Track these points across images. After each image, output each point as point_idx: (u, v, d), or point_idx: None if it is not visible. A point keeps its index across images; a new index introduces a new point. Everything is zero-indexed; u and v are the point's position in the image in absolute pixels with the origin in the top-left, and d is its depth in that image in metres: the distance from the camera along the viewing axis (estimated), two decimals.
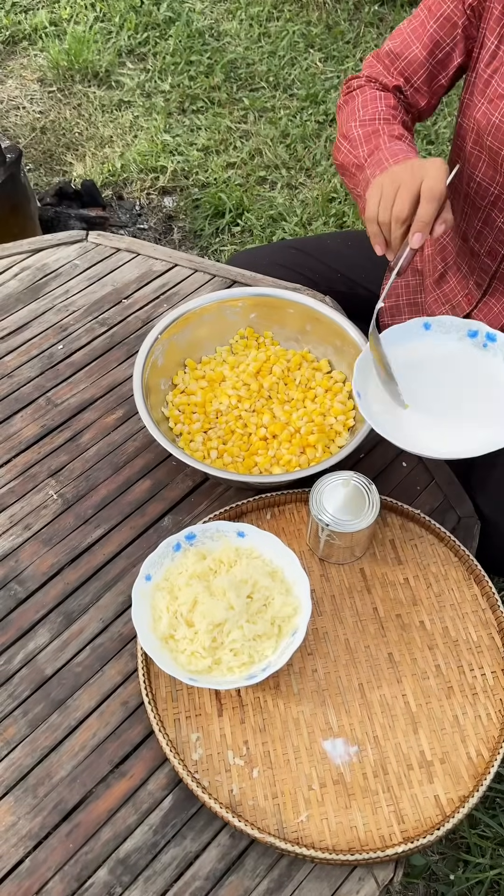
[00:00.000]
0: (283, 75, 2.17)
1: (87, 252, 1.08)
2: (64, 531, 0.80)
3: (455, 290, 1.00)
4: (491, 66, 0.81)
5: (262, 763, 0.65)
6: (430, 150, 1.94)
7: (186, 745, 0.66)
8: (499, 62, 0.80)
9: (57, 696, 0.70)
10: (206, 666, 0.67)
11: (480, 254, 0.92)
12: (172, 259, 1.07)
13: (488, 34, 0.81)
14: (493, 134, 0.82)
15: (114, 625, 0.74)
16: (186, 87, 2.14)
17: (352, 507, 0.72)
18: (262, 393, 0.88)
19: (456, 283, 0.99)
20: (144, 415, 0.79)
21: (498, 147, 0.82)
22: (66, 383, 0.93)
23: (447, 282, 1.01)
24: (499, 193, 0.86)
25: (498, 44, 0.80)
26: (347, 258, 1.09)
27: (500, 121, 0.81)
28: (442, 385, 0.74)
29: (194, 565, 0.72)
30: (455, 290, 1.00)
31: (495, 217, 0.88)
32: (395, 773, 0.65)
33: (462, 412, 0.72)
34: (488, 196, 0.87)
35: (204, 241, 1.80)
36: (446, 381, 0.74)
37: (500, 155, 0.82)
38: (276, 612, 0.69)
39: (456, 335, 0.75)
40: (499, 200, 0.86)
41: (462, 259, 0.96)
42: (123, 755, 0.67)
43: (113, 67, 2.20)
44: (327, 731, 0.67)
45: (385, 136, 0.83)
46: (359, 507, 0.72)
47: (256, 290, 0.93)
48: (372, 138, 0.83)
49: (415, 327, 0.74)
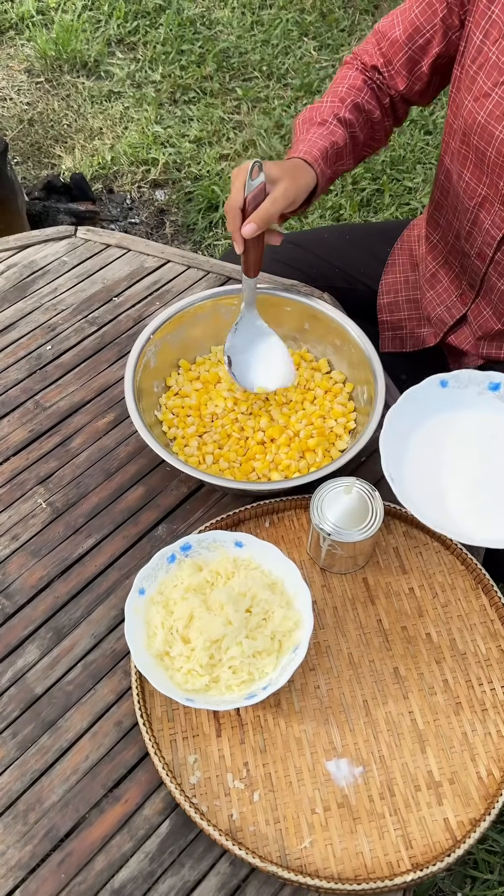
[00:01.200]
0: (277, 64, 2.13)
1: (75, 248, 1.04)
2: (53, 542, 0.77)
3: (449, 291, 0.97)
4: (476, 62, 0.78)
5: (262, 786, 0.62)
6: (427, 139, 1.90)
7: (184, 767, 0.63)
8: (484, 58, 0.76)
9: (47, 717, 0.66)
10: (204, 684, 0.64)
11: (471, 255, 0.89)
12: (165, 255, 1.03)
13: (474, 28, 0.77)
14: (478, 133, 0.79)
15: (106, 640, 0.71)
16: (178, 77, 2.09)
17: (354, 516, 0.69)
18: (259, 395, 0.84)
19: (449, 283, 0.96)
20: (136, 419, 0.76)
21: (484, 147, 0.79)
22: (54, 386, 0.90)
23: (440, 281, 0.98)
24: (486, 194, 0.83)
25: (483, 38, 0.76)
26: (346, 253, 1.06)
27: (485, 120, 0.77)
28: (477, 457, 0.67)
29: (190, 578, 0.69)
30: (449, 290, 0.97)
31: (483, 218, 0.85)
32: (403, 795, 0.62)
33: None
34: (476, 196, 0.84)
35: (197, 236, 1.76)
36: (480, 450, 0.67)
37: (487, 155, 0.79)
38: (276, 627, 0.66)
39: (476, 389, 0.68)
40: (486, 201, 0.83)
41: (454, 258, 0.93)
42: (118, 778, 0.64)
43: (102, 57, 2.14)
44: (331, 751, 0.64)
45: (309, 122, 0.85)
46: (362, 516, 0.69)
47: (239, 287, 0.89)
48: (306, 124, 0.85)
49: (432, 388, 0.68)
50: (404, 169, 1.83)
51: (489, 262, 0.87)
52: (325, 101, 0.87)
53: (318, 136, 0.82)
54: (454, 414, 0.68)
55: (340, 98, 0.86)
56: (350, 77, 0.88)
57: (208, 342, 0.90)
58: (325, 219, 1.75)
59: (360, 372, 0.84)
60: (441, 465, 0.66)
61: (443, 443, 0.67)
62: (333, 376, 0.88)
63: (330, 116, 0.84)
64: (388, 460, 0.65)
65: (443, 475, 0.65)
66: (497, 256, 0.86)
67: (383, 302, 1.05)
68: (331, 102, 0.86)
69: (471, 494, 0.65)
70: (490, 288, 0.90)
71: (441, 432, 0.67)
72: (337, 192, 1.79)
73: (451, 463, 0.66)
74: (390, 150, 1.87)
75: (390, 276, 1.04)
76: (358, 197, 1.77)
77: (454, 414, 0.68)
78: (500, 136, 0.77)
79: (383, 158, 1.84)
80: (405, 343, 1.05)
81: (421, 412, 0.68)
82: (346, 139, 0.84)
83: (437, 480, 0.65)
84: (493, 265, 0.87)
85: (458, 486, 0.65)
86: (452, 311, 0.97)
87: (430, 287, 0.99)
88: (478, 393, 0.68)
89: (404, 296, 1.04)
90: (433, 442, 0.67)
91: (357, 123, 0.86)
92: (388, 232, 1.08)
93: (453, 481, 0.65)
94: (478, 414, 0.68)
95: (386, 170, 1.83)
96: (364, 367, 0.83)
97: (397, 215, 1.74)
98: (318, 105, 0.87)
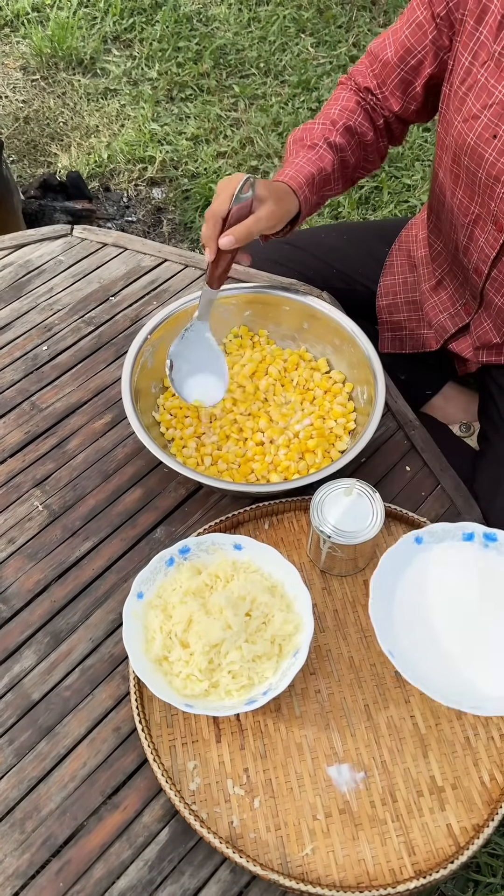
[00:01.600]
0: (274, 61, 2.11)
1: (72, 247, 1.03)
2: (50, 545, 0.76)
3: (454, 298, 0.96)
4: (465, 84, 0.77)
5: (263, 792, 0.62)
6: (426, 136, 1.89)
7: (183, 773, 0.62)
8: (473, 80, 0.75)
9: (45, 723, 0.66)
10: (203, 689, 0.63)
11: (469, 269, 0.89)
12: (162, 254, 1.02)
13: (461, 49, 0.76)
14: (468, 154, 0.78)
15: (104, 645, 0.70)
16: (174, 74, 2.08)
17: (355, 517, 0.68)
18: (258, 395, 0.83)
19: (454, 290, 0.96)
20: (134, 420, 0.75)
21: (475, 168, 0.78)
22: (51, 386, 0.89)
23: (445, 289, 0.97)
24: (479, 213, 0.82)
25: (472, 60, 0.75)
26: (344, 253, 1.05)
27: (474, 142, 0.76)
28: (466, 615, 0.65)
29: (189, 581, 0.68)
30: (454, 297, 0.96)
31: (478, 235, 0.84)
32: (405, 801, 0.61)
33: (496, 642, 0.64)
34: (469, 214, 0.83)
35: (194, 234, 1.75)
36: (467, 607, 0.65)
37: (478, 176, 0.78)
38: (276, 631, 0.65)
39: (450, 542, 0.67)
40: (479, 219, 0.83)
41: (458, 269, 0.93)
42: (116, 785, 0.63)
43: (98, 54, 2.13)
44: (332, 757, 0.63)
45: (299, 144, 0.84)
46: (362, 517, 0.68)
47: (251, 286, 0.88)
48: (295, 145, 0.84)
49: (407, 546, 0.67)
50: (403, 166, 1.82)
51: (485, 279, 0.87)
52: (318, 122, 0.86)
53: (306, 161, 0.81)
54: (434, 570, 0.67)
55: (332, 121, 0.85)
56: (343, 98, 0.87)
57: None
58: (323, 216, 1.74)
59: (359, 372, 0.84)
60: (433, 625, 0.65)
61: (430, 602, 0.66)
62: (333, 376, 0.87)
63: (320, 140, 0.83)
64: (383, 633, 0.62)
65: (438, 636, 0.64)
66: (493, 273, 0.85)
67: (382, 304, 1.04)
68: (322, 125, 0.85)
69: (470, 649, 0.64)
70: (488, 303, 0.89)
71: (426, 592, 0.66)
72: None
73: (443, 622, 0.65)
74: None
75: (388, 277, 1.03)
76: (356, 194, 1.75)
77: (434, 570, 0.67)
78: (490, 159, 0.76)
79: None
80: (405, 344, 1.04)
81: (402, 574, 0.67)
82: (335, 164, 0.83)
83: (435, 644, 0.64)
84: (489, 281, 0.87)
85: (456, 643, 0.64)
86: (456, 319, 0.96)
87: (434, 293, 0.98)
88: (452, 545, 0.68)
89: (403, 297, 1.03)
90: (420, 604, 0.65)
91: (349, 147, 0.85)
92: (387, 231, 1.07)
93: (450, 640, 0.64)
94: (458, 570, 0.67)
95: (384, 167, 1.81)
96: (364, 367, 0.82)
97: (396, 213, 1.73)
98: (310, 126, 0.86)
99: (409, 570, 0.67)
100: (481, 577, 0.67)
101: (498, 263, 0.84)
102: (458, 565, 0.67)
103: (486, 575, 0.67)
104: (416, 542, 0.67)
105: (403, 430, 0.85)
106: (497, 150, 0.75)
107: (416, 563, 0.67)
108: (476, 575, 0.67)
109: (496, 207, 0.78)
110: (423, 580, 0.66)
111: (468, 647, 0.63)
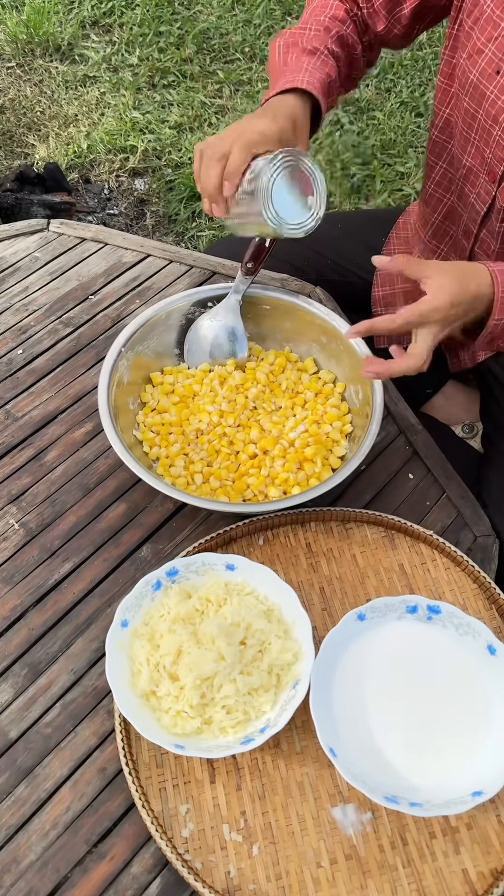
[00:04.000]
0: (260, 45, 2.04)
1: (48, 243, 0.97)
2: (27, 566, 0.70)
3: None
4: (472, 17, 0.71)
5: (262, 837, 0.57)
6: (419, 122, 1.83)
7: (175, 819, 0.57)
8: (479, 12, 0.70)
9: (23, 764, 0.60)
10: (195, 727, 0.58)
11: (457, 234, 0.83)
12: (144, 249, 0.96)
13: None
14: (470, 94, 0.72)
15: (87, 677, 0.64)
16: (156, 60, 2.00)
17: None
18: (246, 405, 0.77)
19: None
20: (116, 442, 0.69)
21: (475, 109, 0.72)
22: (26, 393, 0.83)
23: None
24: (471, 165, 0.76)
25: None
26: (338, 243, 0.99)
27: (477, 79, 0.71)
28: (405, 699, 0.60)
29: (178, 606, 0.62)
30: None
31: (468, 192, 0.78)
32: (416, 844, 0.56)
33: (446, 730, 0.58)
34: (461, 168, 0.78)
35: (179, 227, 1.68)
36: (405, 690, 0.60)
37: (477, 119, 0.72)
38: (273, 660, 0.60)
39: (395, 615, 0.63)
40: (470, 174, 0.77)
41: (442, 242, 0.87)
42: (102, 832, 0.58)
43: (76, 40, 2.05)
44: (336, 796, 0.58)
45: (296, 49, 0.76)
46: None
47: (219, 287, 0.82)
48: (290, 50, 0.76)
49: (350, 625, 0.62)
50: (395, 153, 1.76)
51: (474, 240, 0.81)
52: (309, 28, 0.78)
53: (313, 67, 0.73)
54: (375, 650, 0.62)
55: (325, 27, 0.78)
56: (332, 6, 0.79)
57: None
58: None
59: (351, 370, 0.78)
60: (372, 715, 0.59)
61: (368, 689, 0.60)
62: (322, 377, 0.82)
63: (321, 45, 0.76)
64: (323, 727, 0.57)
65: (376, 726, 0.59)
66: (482, 234, 0.80)
67: (378, 294, 0.99)
68: (315, 32, 0.77)
69: (409, 739, 0.58)
70: None
71: (365, 676, 0.61)
72: (325, 178, 1.72)
73: (382, 710, 0.60)
74: (380, 133, 1.79)
75: None
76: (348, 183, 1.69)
77: (375, 650, 0.62)
78: (490, 97, 0.70)
79: (373, 142, 1.77)
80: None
81: (343, 655, 0.62)
82: (337, 73, 0.76)
83: (373, 736, 0.58)
84: (478, 243, 0.81)
85: (395, 732, 0.59)
86: None
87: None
88: (397, 618, 0.63)
89: (401, 287, 0.97)
90: (359, 691, 0.60)
91: (342, 58, 0.78)
92: (383, 219, 1.01)
93: (388, 730, 0.59)
94: (400, 647, 0.62)
95: (376, 154, 1.75)
96: (355, 365, 0.76)
97: (390, 202, 1.67)
98: (299, 31, 0.78)
99: (351, 652, 0.61)
100: (421, 655, 0.62)
101: (487, 221, 0.78)
102: (398, 643, 0.62)
103: (426, 653, 0.62)
104: (358, 620, 0.62)
105: (405, 434, 0.80)
106: (499, 87, 0.69)
107: (359, 642, 0.62)
108: (416, 653, 0.62)
109: (491, 154, 0.73)
110: (363, 663, 0.61)
111: (407, 737, 0.58)
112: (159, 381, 0.80)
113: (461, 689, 0.60)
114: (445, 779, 0.56)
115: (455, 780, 0.56)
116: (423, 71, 1.95)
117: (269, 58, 0.80)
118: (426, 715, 0.59)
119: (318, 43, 0.76)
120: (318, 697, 0.58)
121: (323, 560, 0.70)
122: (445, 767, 0.57)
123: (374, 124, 1.82)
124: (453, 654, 0.62)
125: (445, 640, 0.62)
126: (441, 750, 0.58)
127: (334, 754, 0.56)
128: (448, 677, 0.61)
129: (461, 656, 0.62)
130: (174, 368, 0.82)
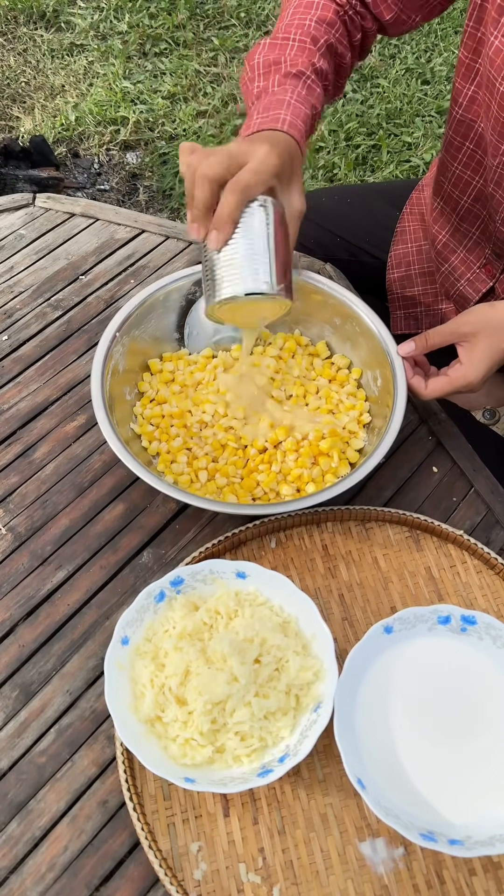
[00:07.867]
0: (256, 10, 1.94)
1: (34, 219, 0.89)
2: (16, 576, 0.64)
3: (468, 262, 0.83)
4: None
5: (283, 878, 0.51)
6: (426, 90, 1.74)
7: (185, 858, 0.51)
8: None
9: (15, 798, 0.54)
10: (206, 756, 0.52)
11: (495, 219, 0.75)
12: (138, 224, 0.89)
13: None
14: (499, 103, 0.64)
15: (84, 698, 0.58)
16: (147, 26, 1.90)
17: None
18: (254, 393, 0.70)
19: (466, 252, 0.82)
20: (111, 437, 0.62)
21: None
22: (13, 384, 0.76)
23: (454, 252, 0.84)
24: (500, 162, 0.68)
25: None
26: (348, 220, 0.92)
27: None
28: (443, 718, 0.54)
29: (184, 620, 0.56)
30: (467, 261, 0.83)
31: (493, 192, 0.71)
32: (455, 882, 0.51)
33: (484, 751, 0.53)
34: (498, 155, 0.70)
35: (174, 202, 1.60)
36: (447, 708, 0.54)
37: None
38: (291, 680, 0.54)
39: (425, 626, 0.57)
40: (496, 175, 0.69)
41: (471, 224, 0.80)
42: (104, 875, 0.52)
43: (62, 7, 1.94)
44: (364, 829, 0.52)
45: (277, 70, 0.65)
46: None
47: None
48: (271, 71, 0.66)
49: (376, 639, 0.55)
50: (402, 123, 1.67)
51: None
52: (293, 38, 0.67)
53: (298, 99, 0.63)
54: (403, 668, 0.56)
55: (312, 37, 0.67)
56: (318, 6, 0.69)
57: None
58: (316, 180, 1.59)
59: (368, 354, 0.71)
60: (399, 743, 0.53)
61: (395, 712, 0.54)
62: (336, 361, 0.75)
63: (307, 67, 0.65)
64: (351, 761, 0.51)
65: (404, 755, 0.53)
66: None
67: (393, 276, 0.91)
68: (300, 43, 0.67)
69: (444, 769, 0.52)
70: None
71: (396, 699, 0.55)
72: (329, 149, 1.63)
73: (411, 736, 0.53)
74: (385, 101, 1.70)
75: (400, 246, 0.90)
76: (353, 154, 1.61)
77: (403, 668, 0.56)
78: None
79: (378, 111, 1.68)
80: (421, 323, 0.91)
81: (370, 672, 0.55)
82: (323, 98, 0.67)
83: (401, 765, 0.52)
84: None
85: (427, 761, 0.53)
86: (477, 284, 0.83)
87: (444, 260, 0.85)
88: (428, 630, 0.57)
89: (418, 268, 0.90)
90: (384, 714, 0.54)
91: (330, 74, 0.69)
92: (397, 193, 0.94)
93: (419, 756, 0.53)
94: (432, 661, 0.56)
95: (382, 123, 1.67)
96: (374, 349, 0.70)
97: (397, 174, 1.59)
98: (281, 42, 0.67)
99: (376, 669, 0.55)
100: (454, 671, 0.56)
101: None
102: (429, 658, 0.56)
103: (460, 669, 0.56)
104: (385, 633, 0.56)
105: (427, 423, 0.73)
106: None
107: (385, 658, 0.56)
108: (449, 669, 0.56)
109: None
110: (390, 682, 0.55)
111: (441, 764, 0.52)
112: (158, 369, 0.73)
113: (500, 710, 0.54)
114: (487, 813, 0.51)
115: (498, 814, 0.50)
116: (430, 35, 1.85)
117: (244, 74, 0.69)
118: (462, 739, 0.54)
119: (303, 61, 0.65)
120: (343, 723, 0.52)
121: (342, 564, 0.64)
122: (486, 800, 0.51)
123: (379, 92, 1.73)
124: (490, 670, 0.56)
125: (481, 654, 0.56)
126: (481, 779, 0.52)
127: (363, 786, 0.50)
128: (485, 697, 0.55)
129: (499, 673, 0.56)
130: (174, 354, 0.74)
